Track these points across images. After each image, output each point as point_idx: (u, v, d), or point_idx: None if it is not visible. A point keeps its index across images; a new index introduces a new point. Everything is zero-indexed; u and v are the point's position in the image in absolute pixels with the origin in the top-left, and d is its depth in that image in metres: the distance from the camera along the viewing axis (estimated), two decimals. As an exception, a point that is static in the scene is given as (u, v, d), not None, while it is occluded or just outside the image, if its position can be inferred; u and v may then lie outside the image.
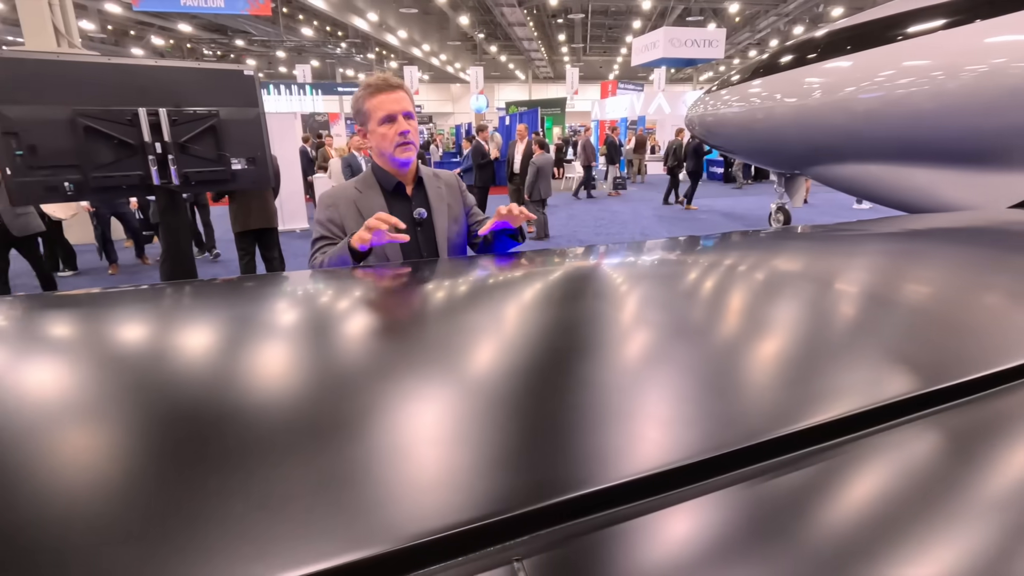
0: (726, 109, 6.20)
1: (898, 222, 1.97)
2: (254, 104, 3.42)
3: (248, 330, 0.81)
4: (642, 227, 8.02)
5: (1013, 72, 3.13)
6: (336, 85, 25.26)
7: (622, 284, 1.04)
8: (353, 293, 1.05)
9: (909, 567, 0.33)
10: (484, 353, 0.68)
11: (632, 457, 0.43)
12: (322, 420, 0.49)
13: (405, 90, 1.48)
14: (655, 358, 0.67)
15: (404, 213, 1.50)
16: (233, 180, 3.38)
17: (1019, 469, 0.45)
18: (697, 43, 14.61)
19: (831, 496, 0.41)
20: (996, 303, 0.92)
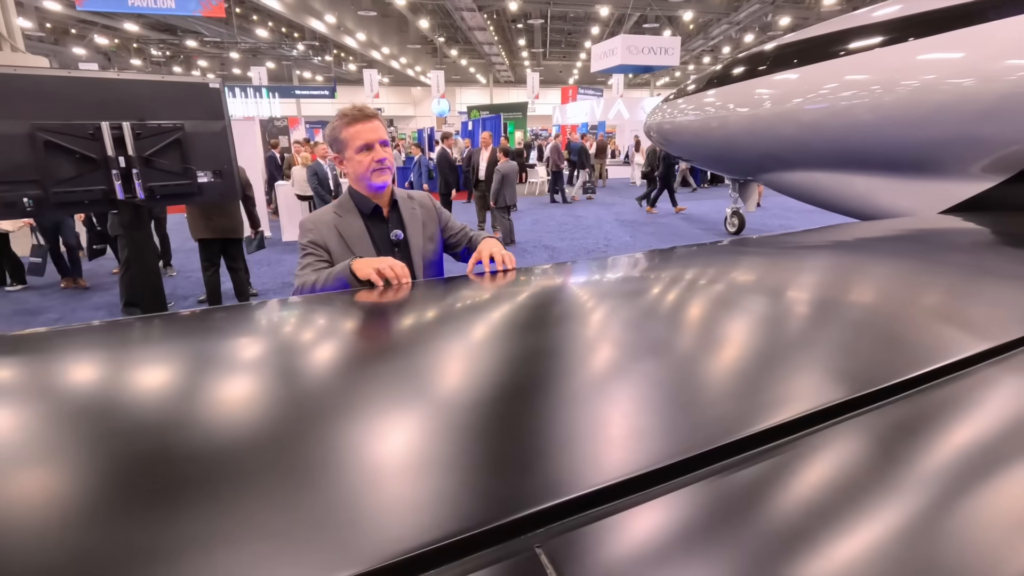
0: (682, 117, 6.44)
1: (842, 231, 2.16)
2: (220, 116, 3.40)
3: (252, 361, 0.86)
4: (605, 232, 8.24)
5: (942, 88, 3.40)
6: (294, 88, 24.77)
7: (612, 300, 1.15)
8: (356, 317, 1.12)
9: (853, 541, 0.44)
10: (485, 376, 0.78)
11: (626, 458, 0.53)
12: (363, 438, 0.58)
13: (379, 119, 1.57)
14: (641, 370, 0.78)
15: (382, 234, 1.60)
16: (200, 193, 3.35)
17: (951, 452, 0.57)
18: (654, 51, 15.03)
19: (814, 475, 0.53)
20: (932, 306, 1.07)
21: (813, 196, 5.14)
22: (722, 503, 0.48)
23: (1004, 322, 0.90)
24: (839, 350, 0.83)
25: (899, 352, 0.81)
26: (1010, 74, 2.77)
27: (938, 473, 0.53)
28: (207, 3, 12.71)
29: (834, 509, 0.47)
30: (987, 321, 0.95)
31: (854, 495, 0.49)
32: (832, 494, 0.50)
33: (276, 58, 27.41)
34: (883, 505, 0.47)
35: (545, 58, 31.68)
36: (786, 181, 5.34)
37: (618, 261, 1.55)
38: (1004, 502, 0.49)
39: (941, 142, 3.43)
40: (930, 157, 3.61)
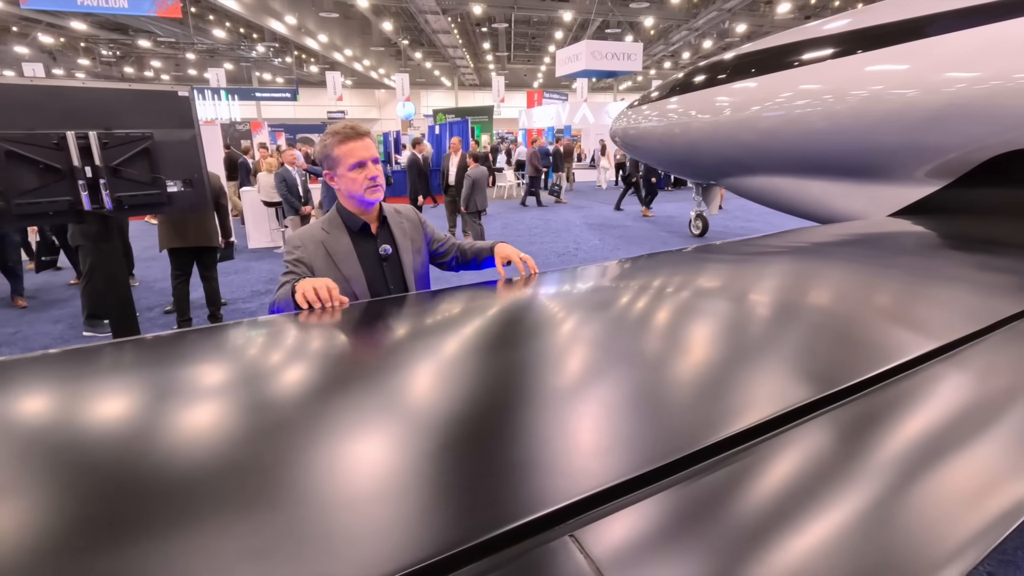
0: (646, 124, 6.61)
1: (801, 235, 2.31)
2: (190, 125, 3.35)
3: (260, 377, 0.90)
4: (575, 236, 8.38)
5: (889, 98, 3.61)
6: (254, 90, 24.18)
7: (609, 306, 1.23)
8: (360, 328, 1.16)
9: (815, 532, 0.52)
10: (496, 387, 0.84)
11: (644, 452, 0.61)
12: (405, 448, 0.63)
13: (371, 137, 1.60)
14: (646, 371, 0.85)
15: (370, 251, 1.63)
16: (169, 203, 3.29)
17: (907, 445, 0.67)
18: (617, 56, 15.34)
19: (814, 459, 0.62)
20: (887, 309, 1.19)
21: (772, 200, 5.35)
22: (730, 488, 0.56)
23: (952, 321, 1.01)
24: (811, 351, 0.93)
25: (858, 353, 0.92)
26: (949, 87, 2.97)
27: (897, 464, 0.62)
28: (162, 3, 12.32)
29: (840, 487, 0.56)
30: (936, 321, 1.06)
31: (856, 471, 0.58)
32: (833, 473, 0.59)
33: (234, 59, 26.70)
34: (863, 491, 0.56)
35: (510, 62, 31.85)
36: (746, 185, 5.55)
37: (609, 268, 1.64)
38: (957, 484, 0.58)
39: (888, 149, 3.61)
40: (879, 163, 3.80)
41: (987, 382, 0.81)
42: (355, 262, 1.59)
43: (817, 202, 4.62)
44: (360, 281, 1.59)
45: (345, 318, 1.21)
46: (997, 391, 0.78)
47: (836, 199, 4.38)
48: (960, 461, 0.63)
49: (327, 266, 1.56)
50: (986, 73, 2.75)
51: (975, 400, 0.76)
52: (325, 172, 1.61)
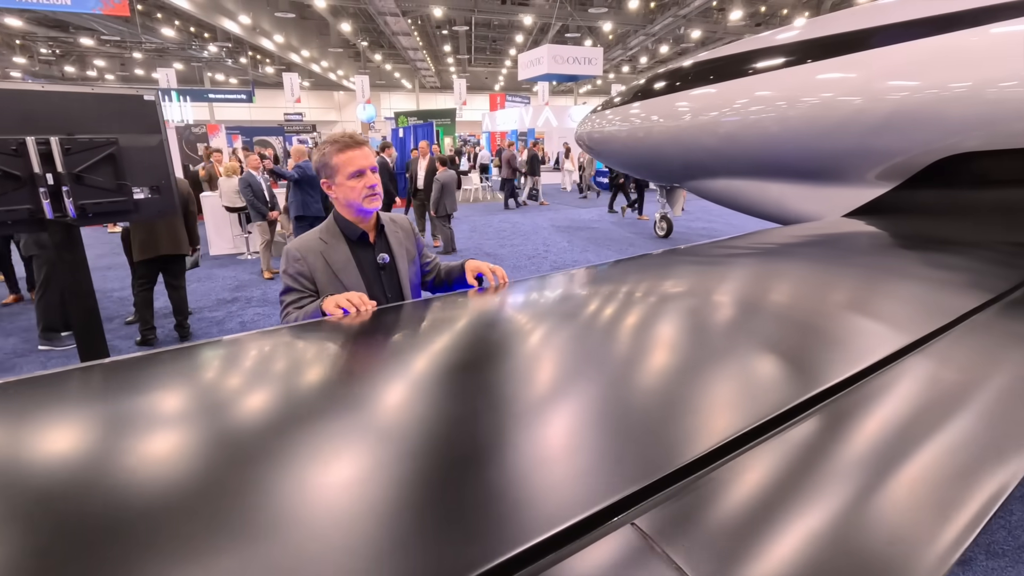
0: (611, 128, 6.76)
1: (765, 236, 2.44)
2: (156, 130, 3.26)
3: (304, 385, 0.90)
4: (543, 238, 8.48)
5: (839, 105, 3.82)
6: (207, 91, 23.39)
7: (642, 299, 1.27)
8: (394, 335, 1.17)
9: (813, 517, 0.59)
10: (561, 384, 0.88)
11: (693, 439, 0.67)
12: (478, 450, 0.66)
13: (369, 146, 1.62)
14: (681, 366, 0.91)
15: (368, 259, 1.65)
16: (136, 210, 3.19)
17: (890, 439, 0.74)
18: (578, 60, 15.60)
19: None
20: (853, 310, 1.29)
21: (733, 202, 5.55)
22: (781, 462, 0.64)
23: (917, 318, 1.12)
24: (798, 351, 1.01)
25: (834, 355, 1.00)
26: (895, 94, 3.18)
27: (880, 458, 0.70)
28: (108, 0, 11.80)
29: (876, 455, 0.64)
30: (903, 318, 1.17)
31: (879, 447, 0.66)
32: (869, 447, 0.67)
33: (185, 59, 25.76)
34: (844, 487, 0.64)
35: (471, 64, 31.87)
36: (708, 188, 5.74)
37: (602, 272, 1.71)
38: (938, 472, 0.67)
39: (841, 153, 3.80)
40: (832, 166, 3.99)
41: (955, 375, 0.90)
42: (355, 271, 1.60)
43: (776, 204, 4.81)
44: (360, 290, 1.57)
45: (360, 327, 1.22)
46: (965, 383, 0.88)
47: (793, 201, 4.58)
48: (940, 452, 0.71)
49: (328, 276, 1.57)
50: (928, 82, 2.96)
51: (947, 393, 0.85)
52: (323, 180, 1.61)
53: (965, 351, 0.98)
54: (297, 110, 26.06)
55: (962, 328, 1.04)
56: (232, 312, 5.11)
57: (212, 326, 4.75)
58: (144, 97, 3.20)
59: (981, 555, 1.98)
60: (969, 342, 1.00)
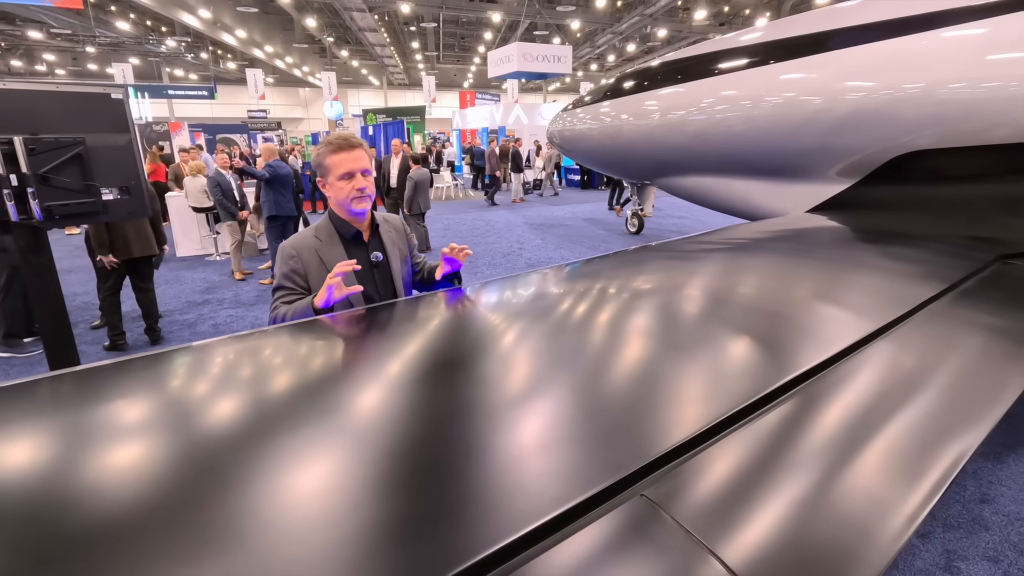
0: (582, 126, 6.86)
1: (732, 232, 2.53)
2: (124, 129, 3.19)
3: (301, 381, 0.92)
4: (517, 235, 8.54)
5: (801, 104, 3.97)
6: (166, 88, 22.63)
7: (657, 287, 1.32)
8: (403, 331, 1.20)
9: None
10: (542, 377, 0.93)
11: (697, 415, 0.73)
12: (495, 430, 0.71)
13: (364, 148, 1.64)
14: (654, 360, 0.97)
15: (362, 258, 1.66)
16: (105, 212, 3.10)
17: (858, 421, 0.81)
18: (548, 58, 15.69)
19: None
20: (820, 300, 1.38)
21: (702, 198, 5.70)
22: (769, 435, 0.71)
23: (881, 306, 1.22)
24: (776, 340, 1.09)
25: (808, 341, 1.08)
26: (853, 94, 3.33)
27: (851, 435, 0.77)
28: (60, -8, 11.32)
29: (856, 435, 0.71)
30: (868, 307, 1.27)
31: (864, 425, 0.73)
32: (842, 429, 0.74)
33: (141, 54, 24.84)
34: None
35: (439, 61, 31.66)
36: (678, 185, 5.88)
37: (587, 268, 1.76)
38: (901, 447, 0.75)
39: (803, 151, 3.95)
40: (795, 164, 4.14)
41: (915, 359, 0.99)
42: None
43: (743, 200, 4.97)
44: (353, 287, 1.61)
45: (362, 324, 1.24)
46: (925, 366, 0.97)
47: (759, 197, 4.74)
48: (902, 430, 0.79)
49: (321, 274, 1.57)
50: (884, 84, 3.12)
51: (909, 376, 0.94)
52: (318, 179, 1.65)
53: (924, 337, 1.07)
54: (261, 107, 25.46)
55: (921, 316, 1.13)
56: (204, 314, 5.01)
57: (183, 329, 4.65)
58: (111, 95, 3.12)
59: (938, 528, 2.12)
60: (927, 328, 1.10)
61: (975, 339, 1.09)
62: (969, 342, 1.08)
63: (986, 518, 2.17)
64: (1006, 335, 1.10)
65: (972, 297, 1.32)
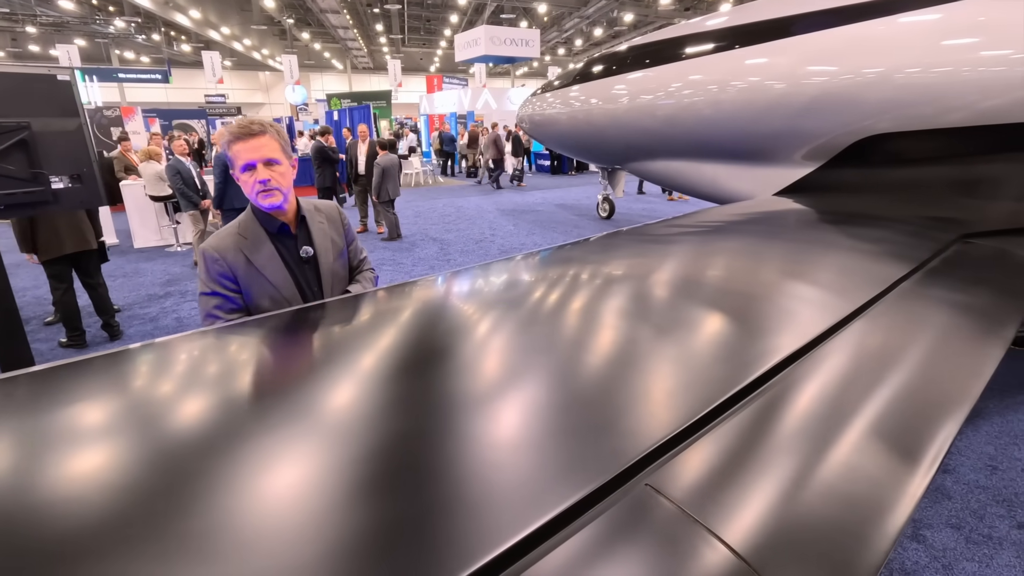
0: (551, 110, 6.82)
1: (699, 216, 2.54)
2: (74, 113, 3.02)
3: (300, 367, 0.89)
4: (489, 222, 8.49)
5: (766, 88, 4.02)
6: (116, 70, 21.55)
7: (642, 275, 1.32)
8: (384, 322, 1.15)
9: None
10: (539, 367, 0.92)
11: (690, 405, 0.73)
12: (495, 425, 0.70)
13: (271, 132, 1.45)
14: (643, 349, 0.97)
15: (291, 253, 1.53)
16: (56, 201, 2.95)
17: (854, 393, 0.83)
18: (515, 42, 15.54)
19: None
20: (802, 282, 1.40)
21: (672, 182, 5.75)
22: (768, 416, 0.72)
23: (857, 286, 1.24)
24: (762, 326, 1.10)
25: (789, 324, 1.09)
26: (816, 78, 3.40)
27: (847, 409, 0.79)
28: (-6, -33, 10.57)
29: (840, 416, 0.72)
30: (846, 287, 1.30)
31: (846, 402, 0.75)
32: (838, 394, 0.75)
33: (88, 35, 23.54)
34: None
35: (404, 45, 30.99)
36: (648, 169, 5.91)
37: (567, 253, 1.73)
38: (897, 414, 0.77)
39: (769, 135, 4.01)
40: (762, 147, 4.20)
41: (898, 336, 1.02)
42: (279, 265, 1.50)
43: (711, 183, 5.02)
44: (288, 285, 1.50)
45: (341, 315, 1.17)
46: (908, 342, 1.00)
47: (727, 181, 4.80)
48: (901, 404, 0.81)
49: (250, 274, 1.46)
50: (845, 68, 3.19)
51: (895, 352, 0.96)
52: (231, 171, 1.49)
53: (900, 315, 1.10)
54: (219, 91, 24.48)
55: (895, 294, 1.16)
56: (166, 308, 4.83)
57: (145, 323, 4.47)
58: (58, 77, 2.94)
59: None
60: (902, 307, 1.13)
61: (949, 315, 1.12)
62: (943, 319, 1.11)
63: (948, 487, 2.28)
64: (976, 310, 1.14)
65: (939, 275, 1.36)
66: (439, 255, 6.33)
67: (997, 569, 1.87)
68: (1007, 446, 2.55)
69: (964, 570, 1.87)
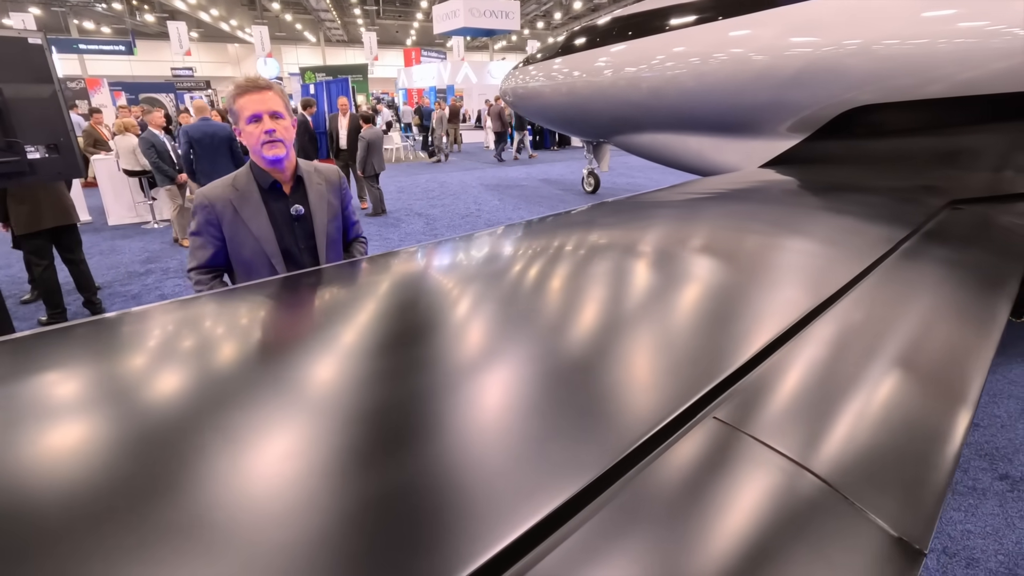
0: (534, 83, 6.74)
1: (695, 186, 2.55)
2: (47, 79, 2.90)
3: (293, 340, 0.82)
4: (474, 197, 8.42)
5: (752, 60, 4.02)
6: (76, 41, 20.53)
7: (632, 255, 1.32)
8: (387, 286, 1.11)
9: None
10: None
11: (754, 336, 0.76)
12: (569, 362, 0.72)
13: (275, 91, 1.52)
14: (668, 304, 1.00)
15: (281, 210, 1.57)
16: (32, 172, 2.85)
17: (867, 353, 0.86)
18: (495, 14, 15.21)
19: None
20: (803, 249, 1.43)
21: (657, 155, 5.75)
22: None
23: (853, 254, 1.27)
24: (778, 285, 1.13)
25: (821, 274, 1.12)
26: (803, 49, 3.41)
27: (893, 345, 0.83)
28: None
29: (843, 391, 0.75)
30: (842, 255, 1.32)
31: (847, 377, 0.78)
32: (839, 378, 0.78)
33: (43, 3, 22.34)
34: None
35: (379, 17, 30.12)
36: (633, 142, 5.90)
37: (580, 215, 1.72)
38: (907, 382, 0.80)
39: (755, 106, 4.03)
40: (748, 119, 4.21)
41: (912, 290, 1.06)
42: (264, 220, 1.53)
43: (697, 156, 5.04)
44: (270, 241, 1.53)
45: (334, 282, 1.11)
46: (923, 292, 1.04)
47: (713, 153, 4.82)
48: (938, 341, 0.85)
49: (236, 226, 1.51)
50: (828, 39, 3.21)
51: (916, 303, 1.01)
52: (233, 127, 1.56)
53: (910, 271, 1.14)
54: (187, 64, 23.56)
55: (897, 255, 1.21)
56: (148, 285, 4.72)
57: (128, 301, 4.37)
58: (29, 40, 2.81)
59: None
60: (910, 264, 1.17)
61: (955, 269, 1.17)
62: (951, 271, 1.16)
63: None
64: (975, 268, 1.20)
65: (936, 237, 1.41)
66: (426, 230, 6.28)
67: (982, 517, 1.99)
68: (986, 404, 2.68)
69: (951, 519, 1.98)
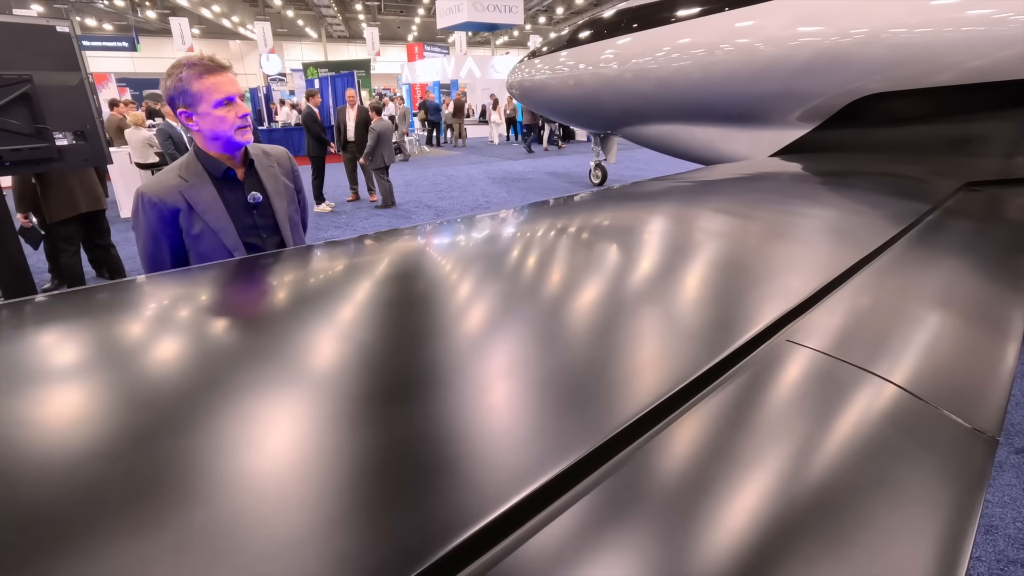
0: (540, 76, 6.76)
1: (694, 175, 2.52)
2: (75, 67, 2.95)
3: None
4: (482, 189, 8.47)
5: (762, 51, 4.04)
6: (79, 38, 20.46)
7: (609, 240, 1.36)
8: (375, 264, 1.04)
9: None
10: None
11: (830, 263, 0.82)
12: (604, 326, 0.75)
13: (233, 71, 1.43)
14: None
15: (238, 199, 1.46)
16: (60, 158, 2.90)
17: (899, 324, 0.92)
18: (499, 8, 15.23)
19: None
20: (811, 232, 1.47)
21: (667, 146, 5.76)
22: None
23: (870, 232, 1.31)
24: (780, 269, 1.16)
25: (807, 267, 1.15)
26: (812, 39, 3.45)
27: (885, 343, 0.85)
28: (-54, -78, 9.93)
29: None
30: (850, 238, 1.34)
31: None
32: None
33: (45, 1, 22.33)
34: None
35: (381, 12, 30.09)
36: (641, 134, 5.91)
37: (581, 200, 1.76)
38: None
39: (765, 96, 4.04)
40: (758, 109, 4.22)
41: (926, 269, 1.10)
42: (222, 211, 1.42)
43: (706, 146, 5.05)
44: (230, 233, 1.43)
45: (337, 259, 1.06)
46: (935, 275, 1.07)
47: (722, 143, 4.83)
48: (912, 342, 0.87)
49: (189, 219, 1.38)
50: (840, 28, 3.24)
51: (950, 257, 1.07)
52: (179, 111, 1.37)
53: (925, 252, 1.18)
54: (190, 60, 23.49)
55: (910, 236, 1.24)
56: (164, 274, 4.77)
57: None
58: (57, 28, 2.86)
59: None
60: (924, 244, 1.21)
61: (981, 241, 1.24)
62: (964, 257, 1.19)
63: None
64: (998, 244, 1.26)
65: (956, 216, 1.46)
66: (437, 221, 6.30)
67: (1000, 488, 2.09)
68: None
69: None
